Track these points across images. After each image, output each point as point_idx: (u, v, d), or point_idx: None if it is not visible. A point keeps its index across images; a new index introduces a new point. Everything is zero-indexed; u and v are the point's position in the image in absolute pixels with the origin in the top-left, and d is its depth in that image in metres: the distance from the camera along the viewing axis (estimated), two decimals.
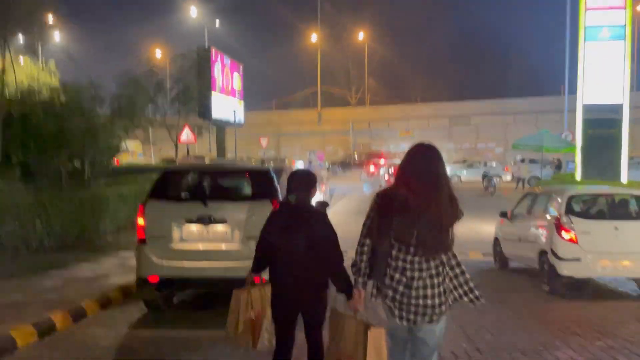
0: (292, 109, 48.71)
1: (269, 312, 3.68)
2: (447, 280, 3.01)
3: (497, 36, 51.66)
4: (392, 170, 24.47)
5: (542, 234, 7.40)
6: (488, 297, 3.34)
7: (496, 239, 9.14)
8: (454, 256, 3.05)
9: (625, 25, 20.59)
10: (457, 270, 3.04)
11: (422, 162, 2.95)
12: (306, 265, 3.45)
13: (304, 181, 3.60)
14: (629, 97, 21.28)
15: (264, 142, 28.92)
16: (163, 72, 22.29)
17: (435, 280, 2.94)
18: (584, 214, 7.35)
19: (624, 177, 21.31)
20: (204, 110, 23.36)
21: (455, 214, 2.93)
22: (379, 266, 2.98)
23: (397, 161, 29.63)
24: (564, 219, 6.93)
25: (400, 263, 2.94)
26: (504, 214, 8.79)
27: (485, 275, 8.49)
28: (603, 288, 7.61)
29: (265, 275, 3.73)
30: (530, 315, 6.24)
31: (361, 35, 53.14)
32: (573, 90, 27.14)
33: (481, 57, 57.75)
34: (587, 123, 21.78)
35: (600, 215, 7.41)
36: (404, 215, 2.87)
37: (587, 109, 21.72)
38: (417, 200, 2.86)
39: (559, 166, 26.83)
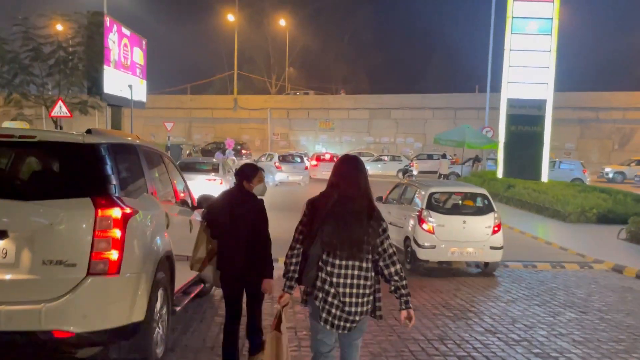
0: (207, 94, 45.39)
1: None
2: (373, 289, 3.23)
3: (421, 29, 51.44)
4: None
5: (407, 222, 8.89)
6: None
7: None
8: (385, 267, 3.23)
9: (552, 18, 19.90)
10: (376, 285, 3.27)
11: (347, 173, 3.24)
12: (248, 245, 4.04)
13: (254, 171, 4.24)
14: (552, 94, 20.70)
15: (168, 126, 25.88)
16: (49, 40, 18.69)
17: (361, 286, 3.15)
18: (441, 209, 8.81)
19: (544, 176, 20.81)
20: (93, 85, 20.08)
21: (377, 221, 3.18)
22: (310, 270, 3.19)
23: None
24: (425, 213, 8.40)
25: (329, 268, 3.15)
26: (379, 199, 9.85)
27: None
28: (454, 267, 9.01)
29: None
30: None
31: (283, 23, 50.93)
32: (495, 87, 26.64)
33: (403, 51, 57.55)
34: (511, 119, 20.99)
35: (453, 211, 8.99)
36: (331, 221, 3.13)
37: (511, 103, 20.92)
38: (341, 207, 3.15)
39: (478, 160, 26.15)
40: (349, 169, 3.26)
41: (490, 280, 8.28)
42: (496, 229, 8.45)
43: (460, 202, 9.28)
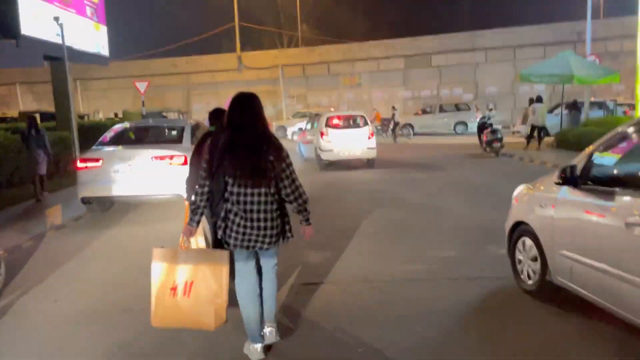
0: (205, 55, 37.78)
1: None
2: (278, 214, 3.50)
3: None
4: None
5: (316, 138, 14.52)
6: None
7: (299, 145, 17.16)
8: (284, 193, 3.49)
9: None
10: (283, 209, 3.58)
11: (240, 109, 3.44)
12: None
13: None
14: None
15: (141, 87, 18.66)
16: None
17: (268, 211, 3.40)
18: (334, 127, 14.36)
19: None
20: (3, 22, 12.93)
21: (277, 149, 3.40)
22: (218, 204, 3.56)
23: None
24: (324, 130, 14.06)
25: (234, 197, 3.37)
26: (301, 129, 18.36)
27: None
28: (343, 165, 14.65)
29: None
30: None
31: None
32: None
33: None
34: None
35: (342, 127, 14.51)
36: (230, 155, 3.35)
37: None
38: (237, 141, 3.37)
39: (576, 107, 18.30)
40: (240, 105, 3.44)
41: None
42: (370, 136, 14.10)
43: (346, 121, 14.90)
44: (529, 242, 4.44)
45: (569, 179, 3.84)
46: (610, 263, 3.37)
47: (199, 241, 4.09)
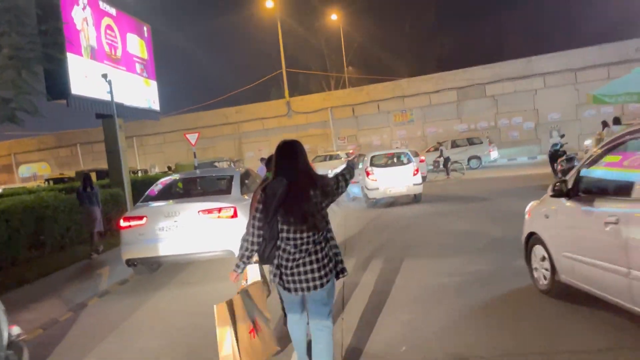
0: (254, 103, 38.04)
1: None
2: (329, 253, 3.58)
3: None
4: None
5: (362, 177, 15.10)
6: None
7: None
8: (329, 231, 3.65)
9: None
10: (333, 247, 3.64)
11: (285, 157, 3.55)
12: None
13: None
14: None
15: (192, 138, 18.47)
16: None
17: (319, 254, 3.47)
18: (379, 165, 14.97)
19: None
20: (53, 84, 12.97)
21: (324, 186, 3.52)
22: (271, 250, 3.50)
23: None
24: (369, 169, 14.51)
25: (291, 242, 3.44)
26: None
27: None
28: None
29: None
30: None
31: (334, 17, 43.90)
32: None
33: (481, 21, 48.22)
34: None
35: (387, 165, 15.21)
36: (281, 202, 3.41)
37: None
38: (288, 189, 3.43)
39: None
40: (285, 154, 3.56)
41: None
42: (415, 172, 14.28)
43: (391, 159, 15.66)
44: (539, 248, 5.14)
45: (562, 192, 4.58)
46: (597, 257, 4.04)
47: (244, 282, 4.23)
